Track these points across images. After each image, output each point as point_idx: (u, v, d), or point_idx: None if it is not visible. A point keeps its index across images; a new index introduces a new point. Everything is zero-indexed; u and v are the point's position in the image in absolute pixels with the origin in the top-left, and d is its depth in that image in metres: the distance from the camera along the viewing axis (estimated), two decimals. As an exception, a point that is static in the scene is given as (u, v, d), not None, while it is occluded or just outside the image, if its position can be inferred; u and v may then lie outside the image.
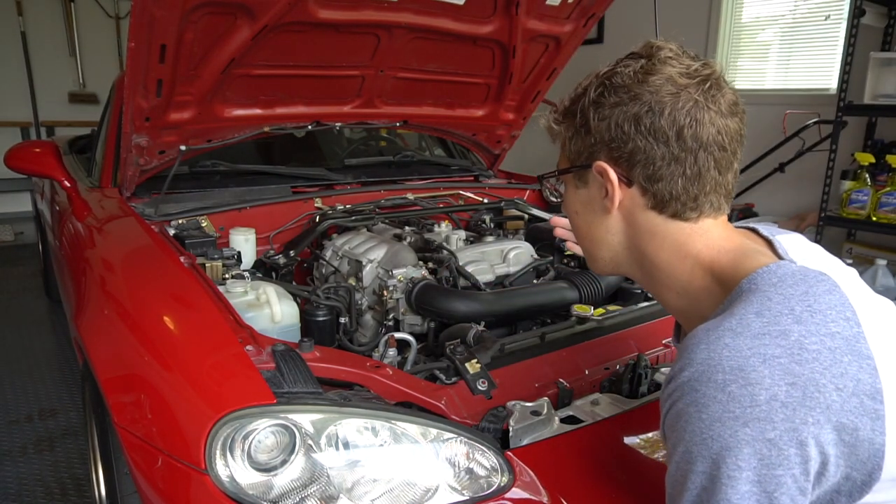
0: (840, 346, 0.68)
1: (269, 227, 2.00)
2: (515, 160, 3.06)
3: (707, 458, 0.67)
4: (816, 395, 0.65)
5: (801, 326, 0.68)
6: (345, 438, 0.99)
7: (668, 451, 0.74)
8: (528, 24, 2.05)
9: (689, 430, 0.69)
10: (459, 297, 1.53)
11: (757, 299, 0.72)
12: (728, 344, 0.68)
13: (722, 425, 0.66)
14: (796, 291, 0.72)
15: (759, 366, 0.66)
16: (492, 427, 1.13)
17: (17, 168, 2.26)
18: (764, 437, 0.64)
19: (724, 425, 0.66)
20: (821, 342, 0.67)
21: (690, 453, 0.69)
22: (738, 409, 0.65)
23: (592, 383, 1.34)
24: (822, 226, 3.35)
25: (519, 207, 2.34)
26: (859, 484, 0.70)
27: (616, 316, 1.57)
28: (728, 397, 0.66)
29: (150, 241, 1.52)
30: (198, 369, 1.07)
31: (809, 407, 0.65)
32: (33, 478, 2.14)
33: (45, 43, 5.69)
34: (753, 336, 0.68)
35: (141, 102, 1.67)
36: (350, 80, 2.06)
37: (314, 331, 1.46)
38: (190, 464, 0.95)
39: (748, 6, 4.27)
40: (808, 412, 0.65)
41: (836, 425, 0.66)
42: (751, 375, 0.65)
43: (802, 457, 0.65)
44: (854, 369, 0.67)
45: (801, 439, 0.64)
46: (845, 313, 0.71)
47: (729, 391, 0.66)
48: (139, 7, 1.43)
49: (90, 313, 1.41)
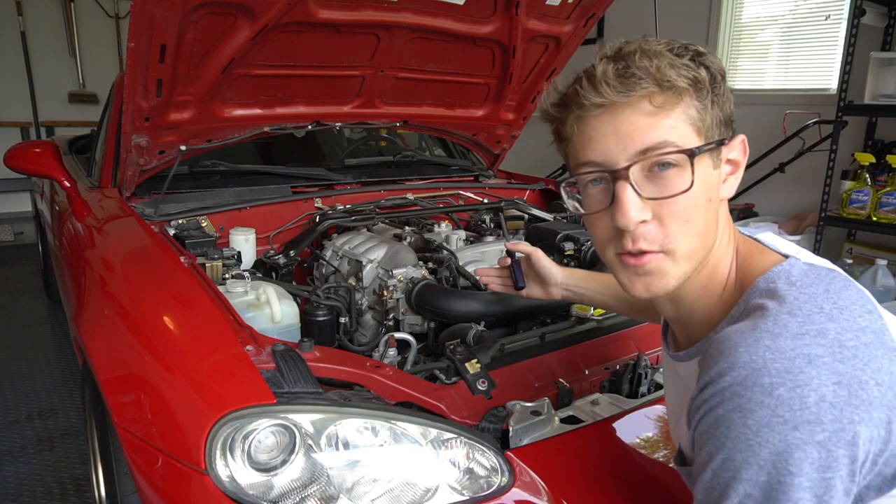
0: (872, 340, 0.67)
1: (269, 227, 2.00)
2: (515, 160, 3.05)
3: (754, 465, 0.65)
4: (860, 392, 0.64)
5: (836, 324, 0.67)
6: (345, 438, 0.99)
7: (699, 459, 0.71)
8: (528, 24, 2.05)
9: (731, 437, 0.66)
10: (459, 297, 1.53)
11: (783, 299, 0.70)
12: (769, 345, 0.66)
13: (770, 430, 0.63)
14: (818, 289, 0.70)
15: (805, 367, 0.64)
16: (492, 427, 1.13)
17: (16, 168, 2.26)
18: (814, 440, 0.63)
19: (773, 430, 0.63)
20: (856, 338, 0.66)
21: (733, 460, 0.66)
22: (788, 412, 0.63)
23: (592, 383, 1.34)
24: (823, 226, 3.35)
25: (519, 207, 2.34)
26: (889, 478, 0.69)
27: (616, 316, 1.57)
28: (777, 401, 0.63)
29: (150, 241, 1.52)
30: (198, 369, 1.07)
31: (855, 405, 0.63)
32: (33, 478, 2.14)
33: (45, 43, 5.70)
34: (793, 337, 0.66)
35: (141, 102, 1.67)
36: (350, 80, 2.06)
37: (314, 331, 1.46)
38: (190, 464, 0.95)
39: (748, 6, 4.27)
40: (853, 410, 0.63)
41: (877, 421, 0.65)
42: (799, 377, 0.63)
43: (850, 457, 0.64)
44: (887, 362, 0.66)
45: (848, 439, 0.63)
46: (867, 306, 0.70)
47: (777, 395, 0.63)
48: (139, 7, 1.43)
49: (90, 313, 1.41)
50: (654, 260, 0.77)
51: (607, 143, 0.75)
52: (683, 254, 0.76)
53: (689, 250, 0.76)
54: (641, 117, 0.73)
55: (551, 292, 1.31)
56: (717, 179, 0.78)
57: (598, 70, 0.75)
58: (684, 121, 0.74)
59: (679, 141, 0.73)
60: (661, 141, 0.73)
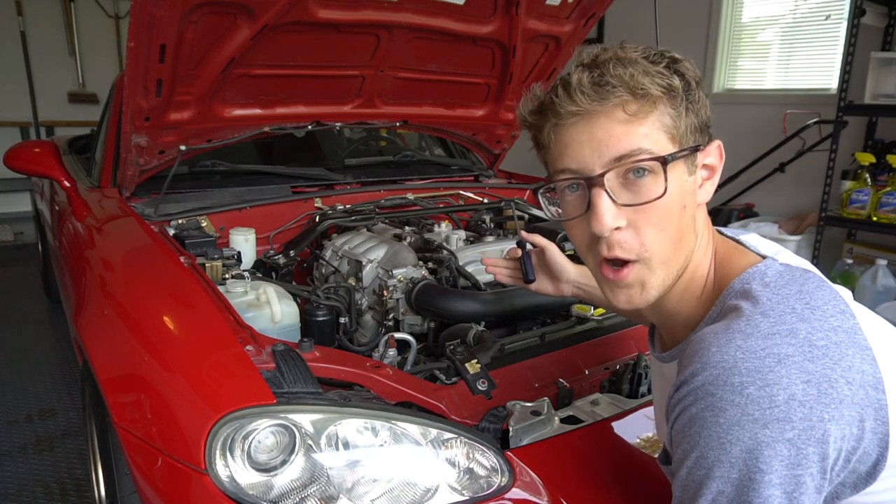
0: (843, 339, 0.68)
1: (269, 227, 2.00)
2: (515, 160, 3.05)
3: (726, 463, 0.66)
4: (830, 390, 0.65)
5: (807, 324, 0.68)
6: (345, 438, 0.99)
7: (675, 457, 0.73)
8: (528, 24, 2.05)
9: (704, 436, 0.67)
10: (459, 297, 1.53)
11: (756, 300, 0.72)
12: (741, 345, 0.67)
13: (741, 429, 0.65)
14: (791, 290, 0.72)
15: (775, 366, 0.65)
16: (492, 427, 1.13)
17: (16, 168, 2.26)
18: (783, 438, 0.64)
19: (744, 428, 0.65)
20: (826, 337, 0.68)
21: (706, 458, 0.68)
22: (758, 411, 0.64)
23: (592, 383, 1.34)
24: (823, 226, 3.35)
25: (519, 207, 2.34)
26: (864, 475, 0.70)
27: (616, 316, 1.57)
28: (746, 400, 0.65)
29: (150, 241, 1.52)
30: (198, 369, 1.07)
31: (825, 403, 0.64)
32: (33, 478, 2.14)
33: (45, 43, 5.70)
34: (764, 336, 0.67)
35: (141, 102, 1.67)
36: (350, 80, 2.06)
37: (314, 331, 1.46)
38: (190, 464, 0.95)
39: (748, 6, 4.27)
40: (823, 409, 0.64)
41: (849, 419, 0.66)
42: (768, 376, 0.65)
43: (820, 454, 0.65)
44: (858, 361, 0.68)
45: (818, 437, 0.64)
46: (840, 306, 0.71)
47: (747, 393, 0.65)
48: (139, 7, 1.43)
49: (90, 313, 1.41)
50: (633, 272, 0.78)
51: (583, 150, 0.76)
52: (659, 261, 0.78)
53: (664, 257, 0.78)
54: (616, 125, 0.74)
55: (562, 289, 1.27)
56: (692, 185, 0.79)
57: (573, 78, 0.76)
58: (658, 128, 0.75)
59: (653, 148, 0.74)
60: (635, 148, 0.74)
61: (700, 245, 0.81)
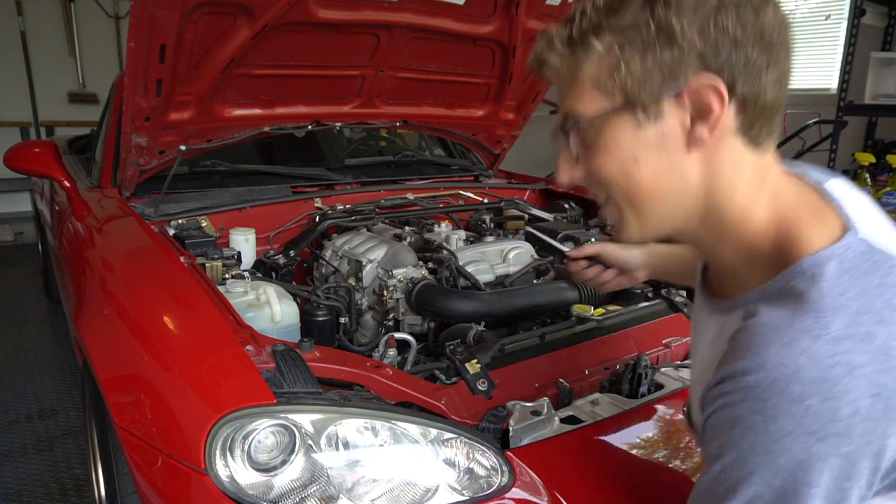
0: None
1: (269, 227, 2.00)
2: (515, 160, 3.05)
3: (769, 471, 0.60)
4: None
5: (885, 328, 0.60)
6: (345, 438, 0.99)
7: (710, 449, 0.67)
8: (528, 24, 2.05)
9: (748, 440, 0.61)
10: (459, 297, 1.53)
11: (829, 291, 0.62)
12: (805, 349, 0.59)
13: (794, 440, 0.58)
14: (871, 283, 0.62)
15: (843, 377, 0.57)
16: (492, 427, 1.13)
17: (16, 168, 2.26)
18: (839, 452, 0.58)
19: (797, 440, 0.58)
20: None
21: (747, 462, 0.62)
22: (816, 424, 0.58)
23: (592, 383, 1.34)
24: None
25: (519, 207, 2.34)
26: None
27: (616, 316, 1.57)
28: (804, 411, 0.58)
29: (150, 241, 1.52)
30: (198, 369, 1.07)
31: (890, 419, 0.58)
32: (33, 478, 2.14)
33: (45, 43, 5.70)
34: (834, 341, 0.59)
35: (141, 102, 1.67)
36: (350, 80, 2.06)
37: (314, 331, 1.46)
38: (190, 464, 0.95)
39: (748, 6, 4.26)
40: (888, 424, 0.58)
41: None
42: (835, 389, 0.57)
43: (872, 468, 0.60)
44: None
45: (875, 451, 0.59)
46: None
47: (807, 405, 0.58)
48: (139, 7, 1.43)
49: (90, 313, 1.41)
50: (607, 209, 0.76)
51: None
52: (627, 210, 0.73)
53: (630, 208, 0.73)
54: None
55: (637, 277, 1.27)
56: (652, 136, 0.69)
57: None
58: (588, 87, 0.70)
59: (581, 109, 0.71)
60: (570, 109, 0.73)
61: (733, 193, 0.71)
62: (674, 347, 1.51)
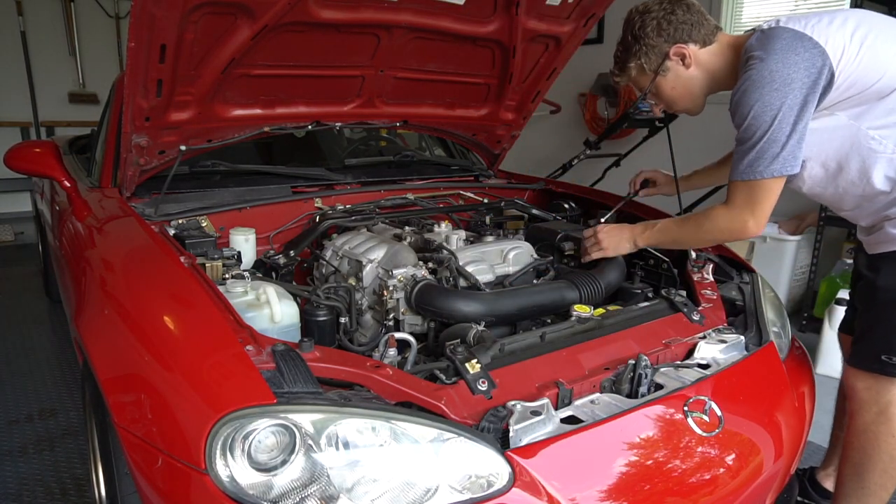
0: None
1: (269, 227, 2.00)
2: (515, 160, 3.05)
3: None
4: None
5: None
6: (345, 438, 0.99)
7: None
8: (528, 24, 2.05)
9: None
10: (459, 297, 1.53)
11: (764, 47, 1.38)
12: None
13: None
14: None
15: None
16: (492, 427, 1.13)
17: (17, 168, 2.26)
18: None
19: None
20: None
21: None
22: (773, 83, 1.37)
23: (592, 383, 1.34)
24: (823, 226, 3.36)
25: (519, 207, 2.34)
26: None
27: (616, 316, 1.58)
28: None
29: (150, 241, 1.52)
30: (198, 369, 1.07)
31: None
32: (33, 478, 2.14)
33: (45, 43, 5.70)
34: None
35: (141, 102, 1.67)
36: (350, 80, 2.06)
37: (314, 331, 1.46)
38: (190, 464, 0.95)
39: (748, 6, 4.27)
40: None
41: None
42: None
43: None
44: None
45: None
46: None
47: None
48: (139, 7, 1.43)
49: (90, 313, 1.41)
50: (675, 111, 1.72)
51: None
52: (679, 106, 1.66)
53: (681, 105, 1.65)
54: None
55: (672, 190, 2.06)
56: (671, 76, 1.58)
57: None
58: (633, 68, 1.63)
59: (645, 83, 1.65)
60: (642, 87, 1.67)
61: (711, 58, 1.56)
62: (674, 347, 1.51)
